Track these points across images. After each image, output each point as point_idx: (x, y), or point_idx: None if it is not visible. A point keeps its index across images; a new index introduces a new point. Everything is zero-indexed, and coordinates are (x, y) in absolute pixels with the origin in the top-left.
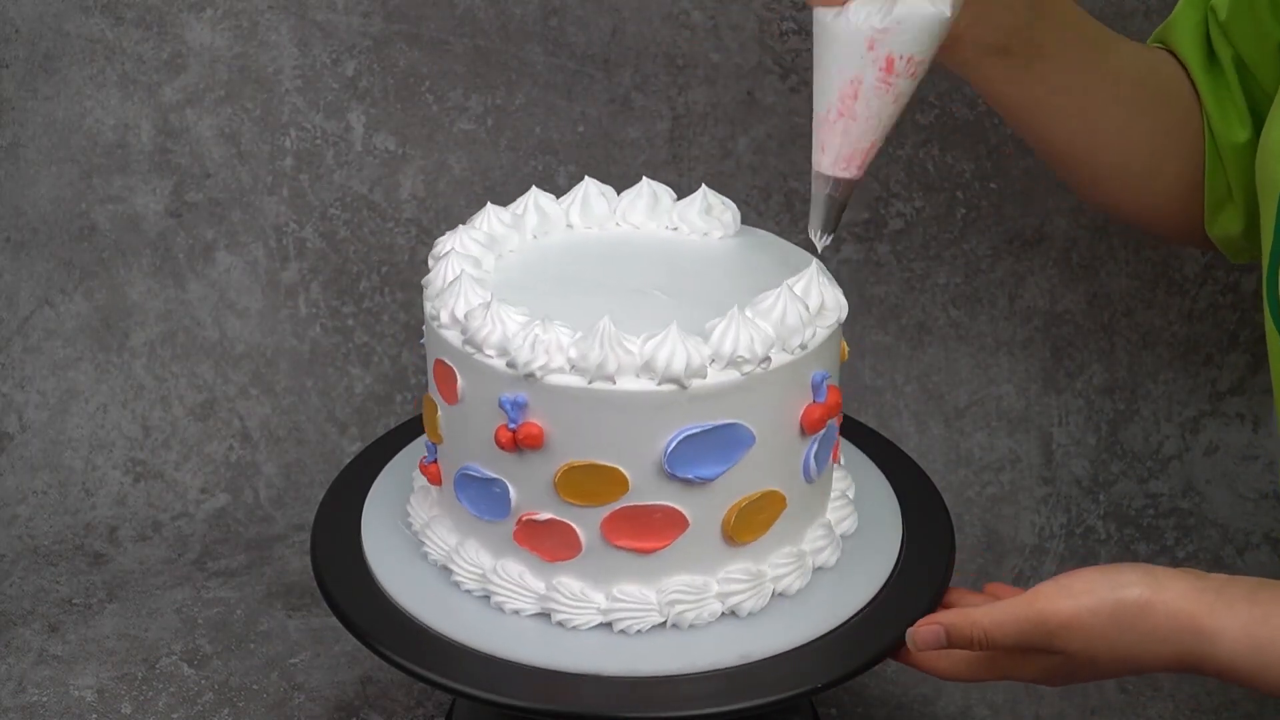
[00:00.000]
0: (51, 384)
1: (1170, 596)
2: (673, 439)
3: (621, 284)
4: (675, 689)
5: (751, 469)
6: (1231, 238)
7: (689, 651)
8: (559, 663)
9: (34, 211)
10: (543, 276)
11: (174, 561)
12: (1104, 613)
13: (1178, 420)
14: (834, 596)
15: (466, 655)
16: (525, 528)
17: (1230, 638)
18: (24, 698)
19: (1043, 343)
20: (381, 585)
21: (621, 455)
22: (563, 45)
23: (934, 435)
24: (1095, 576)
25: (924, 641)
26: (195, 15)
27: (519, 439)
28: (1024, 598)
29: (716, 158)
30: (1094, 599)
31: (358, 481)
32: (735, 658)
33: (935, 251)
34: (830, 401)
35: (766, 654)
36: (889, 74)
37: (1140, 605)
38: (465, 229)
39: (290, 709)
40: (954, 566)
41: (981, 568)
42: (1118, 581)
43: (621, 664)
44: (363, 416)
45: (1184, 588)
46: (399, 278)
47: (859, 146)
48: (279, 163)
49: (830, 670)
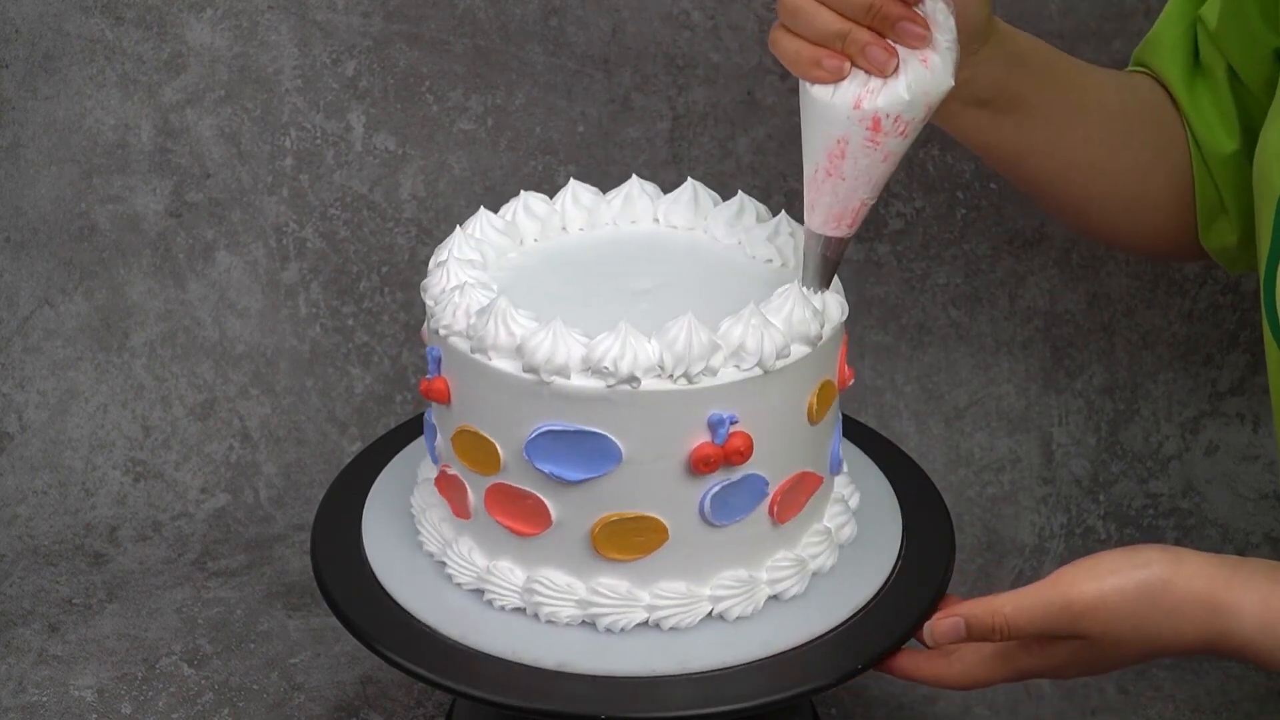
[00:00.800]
0: (51, 384)
1: (1190, 572)
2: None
3: (623, 284)
4: (674, 689)
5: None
6: (1228, 249)
7: (688, 652)
8: (559, 663)
9: (34, 211)
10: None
11: (174, 561)
12: (1129, 592)
13: (1178, 420)
14: (833, 597)
15: (467, 655)
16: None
17: (1250, 613)
18: (24, 698)
19: (1043, 343)
20: (381, 585)
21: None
22: (563, 45)
23: (934, 435)
24: (1118, 557)
25: (942, 635)
26: (195, 15)
27: None
28: (1046, 581)
29: (716, 158)
30: (1119, 578)
31: (358, 481)
32: (735, 658)
33: (935, 251)
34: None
35: (766, 654)
36: (875, 133)
37: (1162, 582)
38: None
39: (290, 709)
40: (954, 566)
41: (981, 568)
42: (1139, 560)
43: (618, 665)
44: (363, 416)
45: (1202, 563)
46: (399, 278)
47: (848, 205)
48: (279, 163)
49: (830, 670)
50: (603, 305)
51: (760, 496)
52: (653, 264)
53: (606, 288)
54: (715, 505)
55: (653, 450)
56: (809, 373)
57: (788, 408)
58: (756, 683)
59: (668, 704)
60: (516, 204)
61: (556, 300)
